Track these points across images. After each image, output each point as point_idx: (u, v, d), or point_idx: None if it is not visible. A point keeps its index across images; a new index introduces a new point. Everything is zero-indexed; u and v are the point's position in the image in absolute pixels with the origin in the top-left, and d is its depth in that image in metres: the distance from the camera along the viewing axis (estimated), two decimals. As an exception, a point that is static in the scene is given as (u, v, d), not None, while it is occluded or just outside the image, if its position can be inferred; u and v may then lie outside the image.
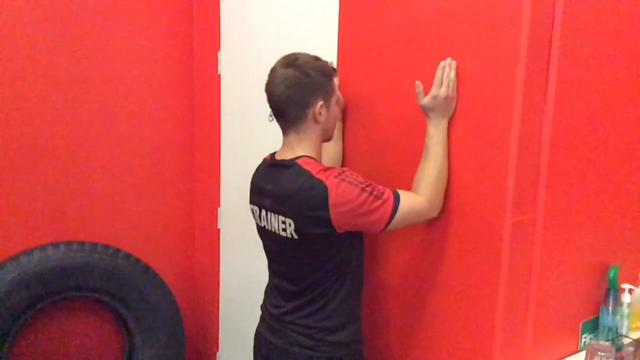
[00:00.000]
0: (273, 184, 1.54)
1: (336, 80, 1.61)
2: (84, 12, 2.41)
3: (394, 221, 1.45)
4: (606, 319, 1.65)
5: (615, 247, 1.72)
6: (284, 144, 1.58)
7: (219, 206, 2.63)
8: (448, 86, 1.45)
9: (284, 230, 1.50)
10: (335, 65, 1.84)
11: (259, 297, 2.11)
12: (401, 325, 1.73)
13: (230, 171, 2.55)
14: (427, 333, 1.65)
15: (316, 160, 1.53)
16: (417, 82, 1.49)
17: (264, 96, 2.26)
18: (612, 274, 1.65)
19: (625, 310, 1.68)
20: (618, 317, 1.65)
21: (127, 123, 2.58)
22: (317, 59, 1.53)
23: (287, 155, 1.54)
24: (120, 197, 2.59)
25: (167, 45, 2.65)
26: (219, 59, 2.54)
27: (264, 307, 1.72)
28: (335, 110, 1.59)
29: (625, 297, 1.68)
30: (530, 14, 1.35)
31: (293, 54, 1.55)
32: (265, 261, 2.16)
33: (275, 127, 2.21)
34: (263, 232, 1.64)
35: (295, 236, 1.48)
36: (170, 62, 2.67)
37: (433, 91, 1.47)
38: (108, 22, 2.47)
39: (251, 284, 2.49)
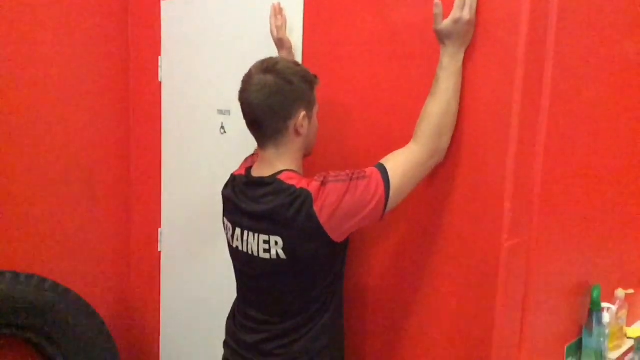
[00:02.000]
0: (251, 203, 1.37)
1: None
2: (6, 13, 2.10)
3: (393, 189, 1.28)
4: (590, 342, 1.60)
5: (596, 268, 1.68)
6: (261, 160, 1.40)
7: (160, 227, 2.38)
8: (471, 8, 1.28)
9: (267, 251, 1.33)
10: None
11: (207, 328, 1.91)
12: (391, 349, 1.60)
13: (174, 188, 2.32)
14: (417, 355, 1.53)
15: (299, 174, 1.37)
16: (437, 2, 1.30)
17: (214, 106, 2.11)
18: (595, 294, 1.60)
19: (606, 330, 1.64)
20: (602, 338, 1.60)
21: (51, 135, 2.28)
22: (297, 64, 1.38)
23: (266, 172, 1.37)
24: (44, 218, 2.28)
25: (98, 49, 2.38)
26: (160, 64, 2.31)
27: (232, 334, 1.52)
28: (316, 121, 1.43)
29: (605, 318, 1.64)
30: (526, 42, 1.27)
31: (271, 59, 1.38)
32: (218, 286, 1.96)
33: (228, 141, 2.04)
34: (235, 253, 1.45)
35: (283, 256, 1.31)
36: (102, 69, 2.40)
37: (455, 13, 1.28)
38: (30, 23, 2.17)
39: (198, 312, 2.27)
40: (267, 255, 1.33)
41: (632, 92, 1.73)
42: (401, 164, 1.31)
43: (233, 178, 1.48)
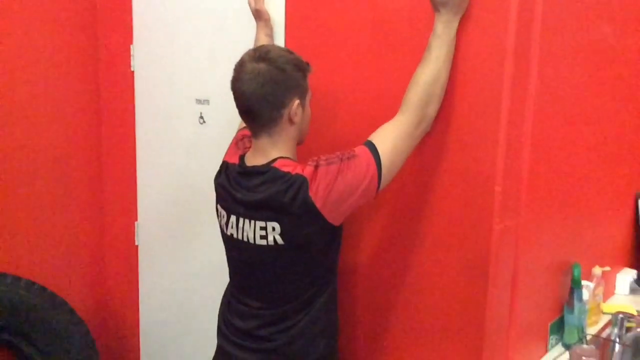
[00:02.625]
0: (247, 192, 1.35)
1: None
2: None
3: (384, 165, 1.29)
4: (572, 318, 1.65)
5: (575, 247, 1.73)
6: (255, 148, 1.39)
7: (136, 220, 2.33)
8: None
9: (263, 237, 1.32)
10: None
11: (187, 321, 1.90)
12: (383, 330, 1.62)
13: (151, 181, 2.27)
14: (409, 338, 1.56)
15: (293, 161, 1.36)
16: None
17: (192, 96, 2.07)
18: (576, 272, 1.65)
19: (585, 307, 1.70)
20: (583, 315, 1.66)
21: (18, 129, 2.18)
22: (289, 51, 1.36)
23: (260, 161, 1.35)
24: (14, 215, 2.19)
25: (65, 38, 2.28)
26: (132, 53, 2.25)
27: (225, 321, 1.51)
28: (309, 109, 1.42)
29: (584, 295, 1.70)
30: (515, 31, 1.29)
31: (263, 46, 1.37)
32: (199, 279, 1.95)
33: (207, 130, 2.01)
34: (230, 241, 1.43)
35: (281, 242, 1.31)
36: (69, 59, 2.30)
37: None
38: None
39: (178, 306, 2.24)
40: (263, 242, 1.32)
41: (614, 82, 1.79)
42: (390, 139, 1.32)
43: (226, 166, 1.46)
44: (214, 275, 2.08)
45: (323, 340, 1.41)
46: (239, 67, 1.33)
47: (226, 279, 1.95)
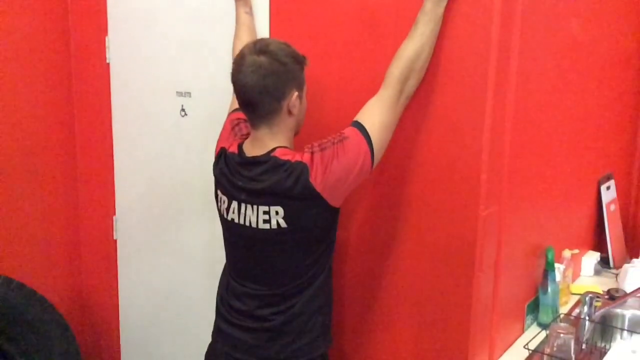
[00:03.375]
0: (248, 181, 1.39)
1: None
2: None
3: (375, 141, 1.35)
4: (546, 299, 1.75)
5: (547, 231, 1.83)
6: (254, 138, 1.42)
7: (114, 214, 2.31)
8: None
9: (266, 221, 1.36)
10: None
11: (167, 315, 1.90)
12: (371, 314, 1.68)
13: (129, 174, 2.25)
14: (395, 327, 1.62)
15: (292, 150, 1.41)
16: None
17: (172, 88, 2.05)
18: (549, 255, 1.75)
19: (557, 288, 1.81)
20: (555, 296, 1.76)
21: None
22: (288, 45, 1.39)
23: (259, 151, 1.39)
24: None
25: (35, 30, 2.22)
26: (107, 45, 2.21)
27: (224, 303, 1.54)
28: (305, 101, 1.46)
29: (557, 276, 1.81)
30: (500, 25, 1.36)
31: (263, 40, 1.40)
32: (180, 273, 1.94)
33: (189, 123, 2.01)
34: (230, 226, 1.46)
35: (284, 225, 1.36)
36: (40, 51, 2.24)
37: None
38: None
39: (158, 300, 2.24)
40: (266, 226, 1.37)
41: (581, 78, 1.89)
42: (375, 115, 1.38)
43: (224, 154, 1.48)
44: (194, 269, 2.11)
45: (320, 318, 1.47)
46: (240, 60, 1.35)
47: (208, 273, 1.98)
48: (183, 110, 2.01)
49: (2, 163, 2.17)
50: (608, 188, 2.26)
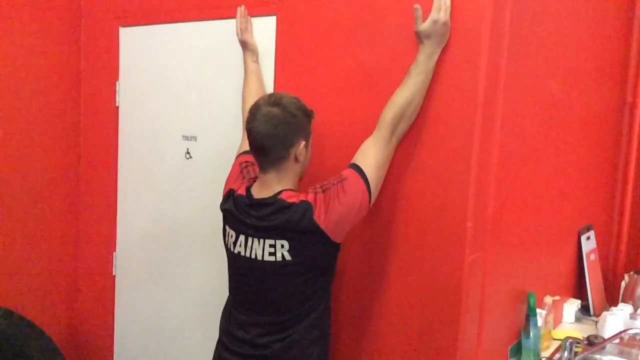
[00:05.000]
0: (256, 220, 1.50)
1: None
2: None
3: (371, 181, 1.48)
4: (528, 343, 1.84)
5: (529, 278, 1.93)
6: (262, 181, 1.54)
7: (114, 251, 2.38)
8: (446, 12, 1.49)
9: (272, 254, 1.47)
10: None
11: (162, 353, 1.94)
12: (360, 353, 1.75)
13: (132, 213, 2.34)
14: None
15: (296, 192, 1.52)
16: (416, 6, 1.52)
17: (179, 132, 2.17)
18: (531, 301, 1.85)
19: (539, 333, 1.89)
20: (538, 340, 1.85)
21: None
22: (298, 99, 1.53)
23: (266, 193, 1.51)
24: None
25: (47, 73, 2.36)
26: (117, 89, 2.34)
27: (226, 332, 1.62)
28: (311, 150, 1.59)
29: (539, 321, 1.89)
30: (485, 73, 1.50)
31: (277, 94, 1.56)
32: (177, 310, 2.04)
33: (194, 165, 2.11)
34: (236, 259, 1.57)
35: (289, 257, 1.46)
36: (51, 93, 2.38)
37: (433, 15, 1.49)
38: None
39: (153, 335, 2.29)
40: (272, 258, 1.47)
41: (561, 133, 2.04)
42: (370, 156, 1.52)
43: (233, 195, 1.59)
44: (190, 307, 2.17)
45: (317, 349, 1.55)
46: (255, 110, 1.49)
47: (203, 311, 2.05)
48: (188, 153, 2.12)
49: (8, 198, 2.26)
50: (588, 238, 2.38)
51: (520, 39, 1.64)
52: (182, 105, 2.15)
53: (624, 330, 1.94)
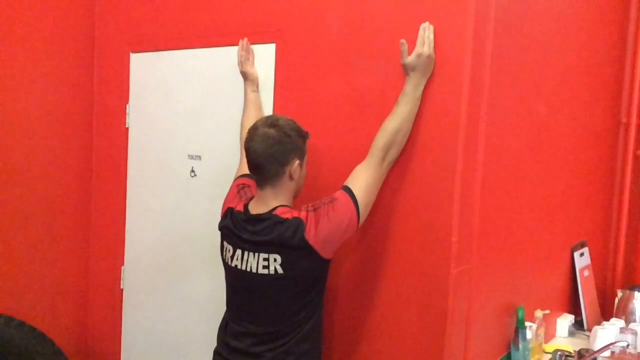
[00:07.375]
0: (252, 235, 1.60)
1: None
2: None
3: (360, 202, 1.56)
4: (517, 355, 1.90)
5: (519, 291, 2.00)
6: (259, 198, 1.64)
7: (123, 265, 2.49)
8: (430, 45, 1.60)
9: (265, 267, 1.56)
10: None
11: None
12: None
13: (139, 228, 2.45)
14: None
15: (290, 208, 1.62)
16: (402, 41, 1.62)
17: (184, 151, 2.29)
18: (520, 314, 1.91)
19: (528, 346, 1.95)
20: (527, 352, 1.90)
21: (11, 173, 2.34)
22: (294, 121, 1.64)
23: (262, 209, 1.61)
24: (7, 260, 2.32)
25: (62, 94, 2.49)
26: (127, 111, 2.47)
27: (222, 342, 1.71)
28: (305, 169, 1.69)
29: (528, 334, 1.95)
30: (468, 94, 1.59)
31: (273, 116, 1.67)
32: (183, 324, 2.14)
33: (198, 183, 2.22)
34: (232, 272, 1.66)
35: (281, 271, 1.55)
36: (65, 113, 2.51)
37: (417, 49, 1.59)
38: None
39: (160, 348, 2.38)
40: (265, 271, 1.56)
41: (549, 151, 2.11)
42: (361, 179, 1.62)
43: (231, 212, 1.69)
44: (196, 320, 2.26)
45: (310, 357, 1.63)
46: (253, 131, 1.60)
47: (208, 325, 2.13)
48: (193, 171, 2.23)
49: (22, 214, 2.38)
50: (582, 254, 2.43)
51: (503, 66, 1.74)
52: (188, 127, 2.26)
53: (612, 343, 1.99)
